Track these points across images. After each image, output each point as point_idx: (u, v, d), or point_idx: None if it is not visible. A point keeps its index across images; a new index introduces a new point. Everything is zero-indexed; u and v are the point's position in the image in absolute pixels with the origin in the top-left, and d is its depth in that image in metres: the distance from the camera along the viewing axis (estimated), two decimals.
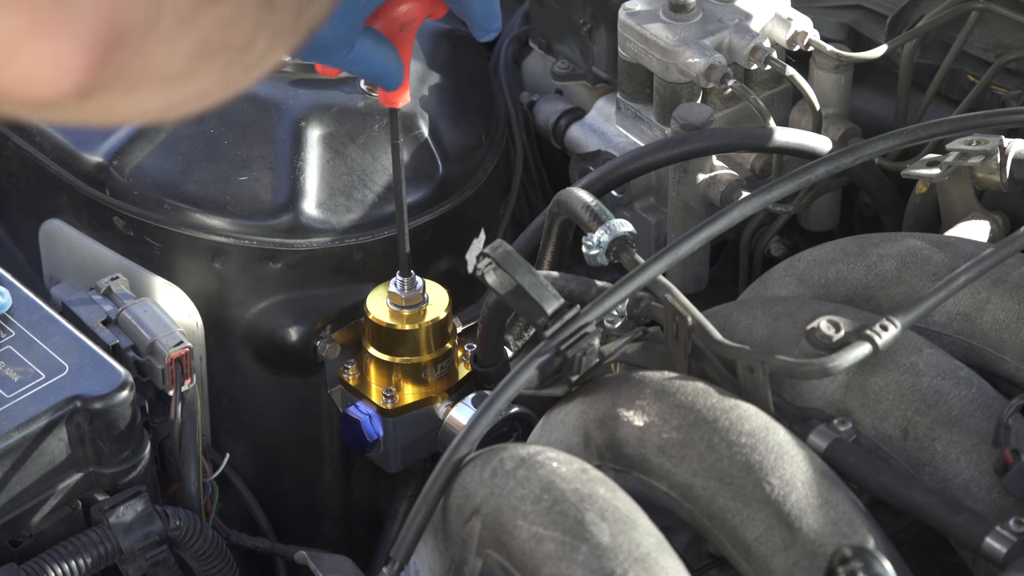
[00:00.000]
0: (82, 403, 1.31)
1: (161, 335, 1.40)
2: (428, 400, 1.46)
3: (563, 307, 1.10)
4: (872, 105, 1.62)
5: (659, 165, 1.49)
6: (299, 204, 1.47)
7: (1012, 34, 1.54)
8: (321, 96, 1.51)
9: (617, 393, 1.08)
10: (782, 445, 1.02)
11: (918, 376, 1.09)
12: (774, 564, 0.97)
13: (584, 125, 1.67)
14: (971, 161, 1.33)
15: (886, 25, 1.58)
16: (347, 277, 1.50)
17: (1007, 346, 1.15)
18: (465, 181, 1.57)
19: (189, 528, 1.35)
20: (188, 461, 1.40)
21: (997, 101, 1.53)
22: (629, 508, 0.99)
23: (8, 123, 1.57)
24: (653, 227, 1.62)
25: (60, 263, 1.57)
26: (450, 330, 1.46)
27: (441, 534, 1.06)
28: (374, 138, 1.51)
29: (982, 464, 1.05)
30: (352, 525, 1.63)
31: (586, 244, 1.19)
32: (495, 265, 1.12)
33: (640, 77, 1.59)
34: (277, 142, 1.49)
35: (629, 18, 1.56)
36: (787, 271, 1.25)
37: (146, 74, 0.63)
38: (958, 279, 1.09)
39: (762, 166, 1.59)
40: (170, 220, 1.49)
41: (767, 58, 1.53)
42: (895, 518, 1.07)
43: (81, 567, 1.30)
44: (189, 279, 1.50)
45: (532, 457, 1.03)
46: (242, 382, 1.55)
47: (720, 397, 1.05)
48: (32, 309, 1.38)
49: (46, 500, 1.32)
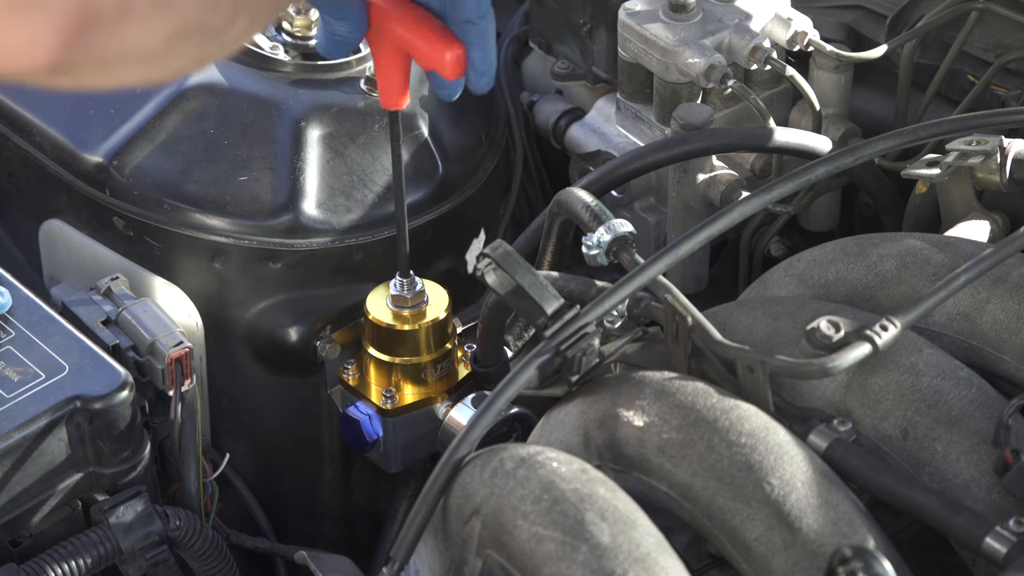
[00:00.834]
0: (82, 403, 1.31)
1: (161, 335, 1.40)
2: (428, 400, 1.46)
3: (563, 307, 1.10)
4: (872, 105, 1.62)
5: (659, 165, 1.49)
6: (299, 204, 1.47)
7: (1012, 34, 1.54)
8: (321, 96, 1.51)
9: (617, 393, 1.08)
10: (782, 445, 1.02)
11: (918, 376, 1.09)
12: (774, 564, 0.97)
13: (584, 125, 1.67)
14: (971, 161, 1.33)
15: (886, 25, 1.58)
16: (347, 277, 1.50)
17: (1007, 346, 1.15)
18: (465, 181, 1.57)
19: (189, 528, 1.35)
20: (188, 461, 1.40)
21: (997, 101, 1.53)
22: (629, 508, 0.99)
23: (7, 122, 1.57)
24: (653, 227, 1.62)
25: (60, 263, 1.57)
26: (450, 330, 1.46)
27: (441, 534, 1.06)
28: (374, 138, 1.51)
29: (982, 464, 1.05)
30: (352, 525, 1.63)
31: (586, 244, 1.19)
32: (495, 265, 1.12)
33: (640, 77, 1.59)
34: (277, 142, 1.48)
35: (629, 18, 1.56)
36: (787, 271, 1.25)
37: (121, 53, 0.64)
38: (958, 279, 1.09)
39: (762, 166, 1.59)
40: (170, 220, 1.49)
41: (767, 58, 1.53)
42: (895, 518, 1.07)
43: (81, 567, 1.30)
44: (189, 279, 1.50)
45: (532, 457, 1.03)
46: (242, 382, 1.55)
47: (720, 397, 1.05)
48: (32, 309, 1.38)
49: (46, 500, 1.32)
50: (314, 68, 1.53)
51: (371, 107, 1.51)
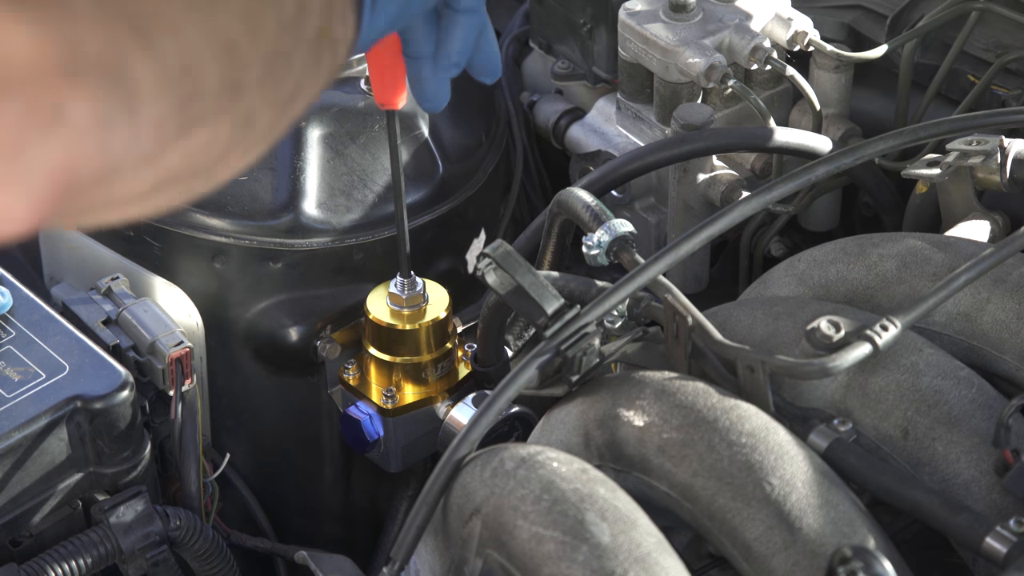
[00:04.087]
0: (82, 403, 1.31)
1: (161, 335, 1.40)
2: (428, 400, 1.46)
3: (563, 307, 1.10)
4: (872, 105, 1.62)
5: (659, 165, 1.49)
6: (299, 204, 1.47)
7: (1012, 34, 1.54)
8: (321, 96, 1.51)
9: (617, 393, 1.08)
10: (782, 445, 1.02)
11: (918, 376, 1.09)
12: (774, 564, 0.97)
13: (584, 125, 1.67)
14: (971, 161, 1.33)
15: (886, 25, 1.58)
16: (347, 277, 1.50)
17: (1007, 346, 1.15)
18: (465, 181, 1.57)
19: (189, 528, 1.35)
20: (188, 461, 1.40)
21: (997, 101, 1.53)
22: (629, 508, 0.99)
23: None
24: (653, 227, 1.62)
25: (60, 263, 1.57)
26: (450, 330, 1.46)
27: (441, 534, 1.06)
28: (374, 138, 1.51)
29: (982, 464, 1.05)
30: (352, 525, 1.63)
31: (586, 244, 1.19)
32: (495, 265, 1.12)
33: (640, 77, 1.59)
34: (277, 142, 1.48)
35: (629, 18, 1.56)
36: (787, 271, 1.25)
37: (103, 204, 0.62)
38: (958, 279, 1.09)
39: (762, 166, 1.59)
40: (170, 220, 1.49)
41: (767, 58, 1.53)
42: (895, 518, 1.07)
43: (81, 567, 1.30)
44: (189, 279, 1.50)
45: (532, 457, 1.03)
46: (242, 382, 1.55)
47: (720, 397, 1.05)
48: (32, 309, 1.38)
49: (46, 500, 1.32)
50: None
51: (371, 107, 1.51)
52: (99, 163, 0.59)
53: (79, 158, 0.58)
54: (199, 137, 0.62)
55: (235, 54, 0.62)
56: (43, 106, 0.56)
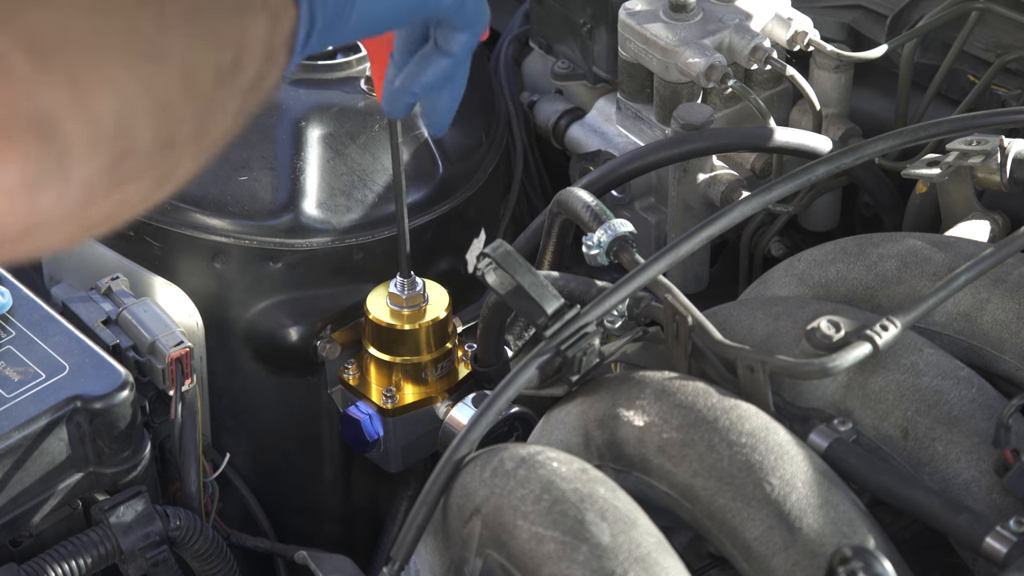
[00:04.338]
0: (82, 403, 1.31)
1: (161, 335, 1.40)
2: (428, 400, 1.46)
3: (563, 307, 1.10)
4: (872, 105, 1.62)
5: (659, 165, 1.49)
6: (299, 204, 1.47)
7: (1012, 34, 1.54)
8: (321, 96, 1.51)
9: (617, 393, 1.08)
10: (782, 445, 1.02)
11: (918, 376, 1.09)
12: (774, 564, 0.97)
13: (584, 125, 1.67)
14: (971, 161, 1.33)
15: (886, 25, 1.58)
16: (347, 277, 1.50)
17: (1007, 346, 1.15)
18: (465, 181, 1.57)
19: (189, 528, 1.35)
20: (188, 461, 1.40)
21: (997, 101, 1.53)
22: (629, 508, 0.99)
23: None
24: (653, 227, 1.62)
25: (60, 263, 1.57)
26: (450, 330, 1.46)
27: (441, 534, 1.06)
28: (374, 138, 1.51)
29: (982, 464, 1.05)
30: (352, 525, 1.63)
31: (586, 244, 1.19)
32: (495, 265, 1.12)
33: (640, 77, 1.59)
34: (277, 142, 1.48)
35: (629, 18, 1.56)
36: (787, 271, 1.25)
37: (18, 256, 0.62)
38: (958, 279, 1.09)
39: (762, 166, 1.59)
40: (170, 220, 1.49)
41: (767, 58, 1.53)
42: (895, 518, 1.07)
43: (81, 567, 1.30)
44: (189, 279, 1.50)
45: (532, 457, 1.03)
46: (242, 382, 1.55)
47: (720, 397, 1.05)
48: (32, 309, 1.38)
49: (46, 500, 1.32)
50: (314, 68, 1.53)
51: (371, 107, 1.51)
52: (24, 222, 0.58)
53: (5, 217, 0.57)
54: (125, 192, 0.62)
55: (171, 111, 0.62)
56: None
